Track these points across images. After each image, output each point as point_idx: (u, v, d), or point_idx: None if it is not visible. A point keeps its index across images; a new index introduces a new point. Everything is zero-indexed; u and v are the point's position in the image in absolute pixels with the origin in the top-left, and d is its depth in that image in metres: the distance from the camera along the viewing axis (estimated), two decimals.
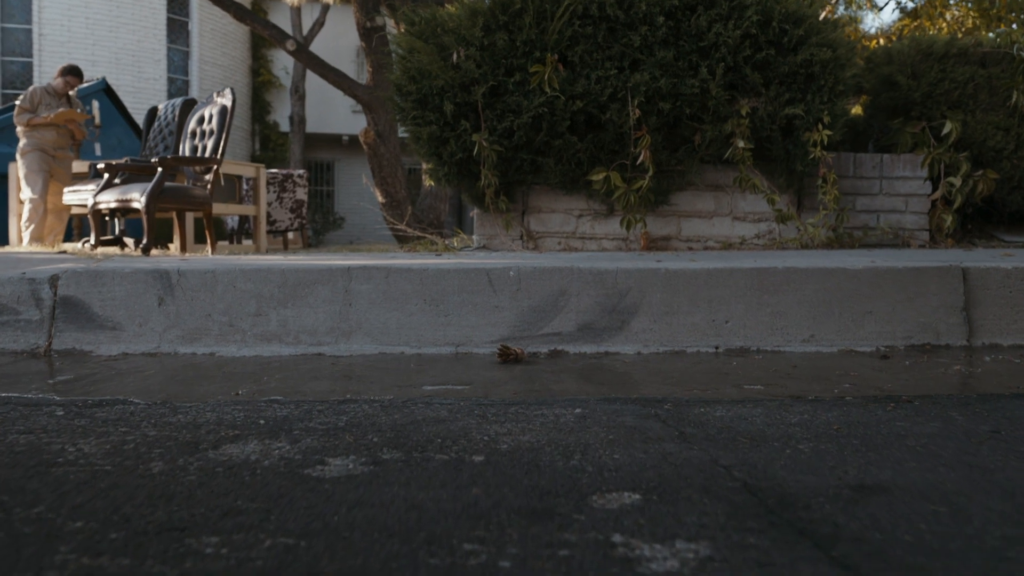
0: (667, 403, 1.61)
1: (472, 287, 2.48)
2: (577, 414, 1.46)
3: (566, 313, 2.47)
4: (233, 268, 2.55)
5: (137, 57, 17.26)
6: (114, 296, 2.54)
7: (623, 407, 1.54)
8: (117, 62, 16.75)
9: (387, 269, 2.50)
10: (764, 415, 1.47)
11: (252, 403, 1.64)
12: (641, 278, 2.48)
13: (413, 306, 2.49)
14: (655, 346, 2.45)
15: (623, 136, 3.79)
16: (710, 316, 2.47)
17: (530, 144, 3.78)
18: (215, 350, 2.48)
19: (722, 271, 2.49)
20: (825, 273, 2.50)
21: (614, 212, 4.05)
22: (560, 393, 1.77)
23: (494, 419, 1.39)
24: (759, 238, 4.09)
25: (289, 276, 2.52)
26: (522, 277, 2.48)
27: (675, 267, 2.50)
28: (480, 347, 2.46)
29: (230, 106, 6.42)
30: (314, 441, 1.24)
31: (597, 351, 2.43)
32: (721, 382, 1.92)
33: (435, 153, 3.71)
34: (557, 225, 4.08)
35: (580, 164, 3.83)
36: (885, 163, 4.16)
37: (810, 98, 3.79)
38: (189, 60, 18.61)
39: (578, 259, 2.85)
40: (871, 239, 4.13)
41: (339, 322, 2.49)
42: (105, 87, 10.27)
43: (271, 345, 2.49)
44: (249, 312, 2.51)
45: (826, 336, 2.47)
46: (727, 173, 4.07)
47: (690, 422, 1.39)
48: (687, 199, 4.10)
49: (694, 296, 2.48)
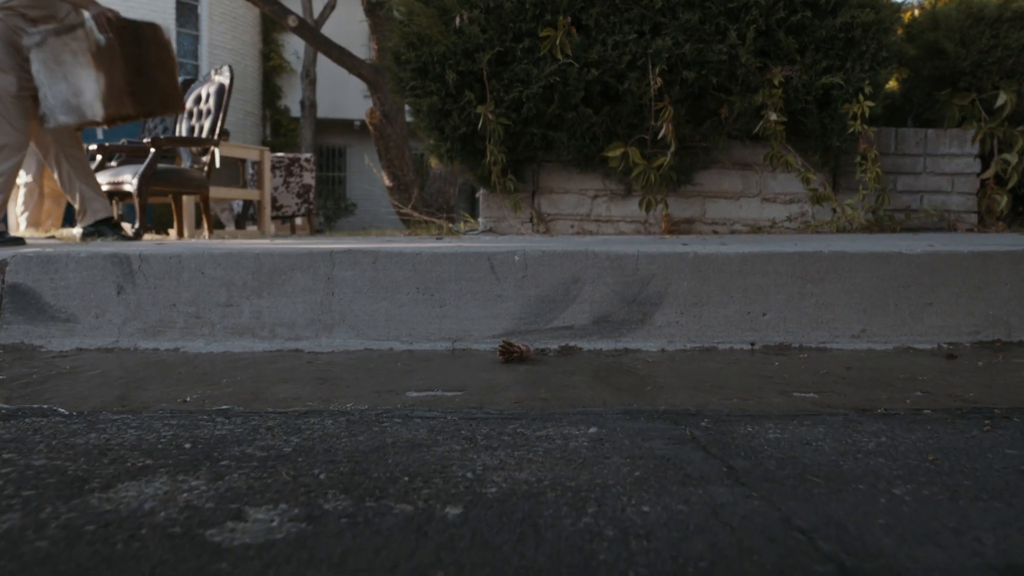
0: (704, 418, 1.29)
1: (472, 274, 2.17)
2: (592, 435, 1.14)
3: (579, 304, 2.15)
4: (201, 253, 2.24)
5: None
6: (68, 284, 2.25)
7: (650, 425, 1.22)
8: None
9: (375, 253, 2.19)
10: (831, 438, 1.15)
11: (192, 416, 1.34)
12: (666, 264, 2.15)
13: (404, 295, 2.17)
14: (682, 342, 2.13)
15: (642, 108, 3.45)
16: (745, 307, 2.14)
17: (540, 117, 3.45)
18: (180, 345, 2.18)
19: (759, 256, 2.16)
20: (878, 259, 2.17)
21: (632, 192, 3.71)
22: (571, 402, 1.46)
23: (484, 444, 1.08)
24: (791, 221, 3.74)
25: (264, 262, 2.21)
26: (529, 262, 2.16)
27: (705, 251, 2.17)
28: (480, 342, 2.15)
29: (228, 84, 6.12)
30: (241, 478, 0.93)
31: (615, 348, 2.11)
32: (764, 388, 1.60)
33: (436, 127, 3.39)
34: (570, 207, 3.75)
35: (595, 139, 3.49)
36: (930, 139, 3.80)
37: (850, 66, 3.43)
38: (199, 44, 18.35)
39: (593, 243, 2.53)
40: (914, 222, 3.77)
41: (320, 313, 2.19)
42: None
43: (243, 339, 2.19)
44: (219, 302, 2.21)
45: (879, 331, 2.14)
46: (756, 150, 3.72)
47: (738, 449, 1.07)
48: (712, 178, 3.76)
49: (727, 285, 2.15)
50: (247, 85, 19.36)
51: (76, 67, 4.01)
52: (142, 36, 4.12)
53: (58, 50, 4.05)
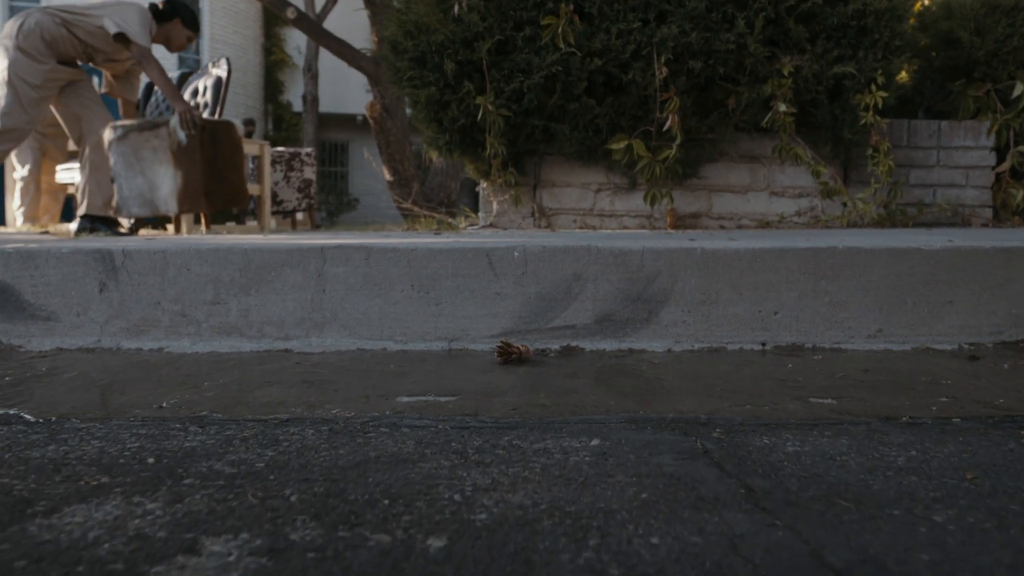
0: (716, 427, 1.19)
1: (469, 270, 2.07)
2: (594, 449, 1.05)
3: (581, 302, 2.05)
4: (187, 248, 2.15)
5: None
6: (48, 281, 2.15)
7: (657, 436, 1.12)
8: None
9: (367, 249, 2.09)
10: (855, 451, 1.05)
11: (165, 424, 1.24)
12: (672, 260, 2.05)
13: (398, 293, 2.08)
14: (689, 342, 2.03)
15: (647, 99, 3.35)
16: (755, 306, 2.04)
17: (542, 108, 3.34)
18: (164, 345, 2.09)
19: (770, 252, 2.06)
20: (895, 255, 2.06)
21: (637, 186, 3.61)
22: (572, 408, 1.36)
23: (476, 459, 0.98)
24: (800, 215, 3.64)
25: (252, 258, 2.12)
26: (529, 258, 2.06)
27: (713, 247, 2.07)
28: (477, 342, 2.05)
29: (225, 77, 6.02)
30: (203, 501, 0.84)
31: (619, 348, 2.01)
32: (778, 392, 1.50)
33: (434, 118, 3.28)
34: (573, 201, 3.64)
35: (599, 131, 3.39)
36: (943, 131, 3.69)
37: (862, 55, 3.32)
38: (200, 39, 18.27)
39: (596, 238, 2.43)
40: (926, 217, 3.66)
41: (310, 312, 2.09)
42: None
43: (230, 339, 2.10)
44: (205, 300, 2.11)
45: (896, 331, 2.04)
46: (764, 142, 3.61)
47: (756, 465, 0.97)
48: (719, 171, 3.65)
49: (736, 282, 2.05)
50: (249, 80, 19.28)
51: (155, 164, 4.18)
52: (219, 136, 4.30)
53: (139, 145, 4.21)
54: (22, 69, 4.10)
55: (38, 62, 4.13)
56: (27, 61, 4.10)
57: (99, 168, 4.47)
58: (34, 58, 4.12)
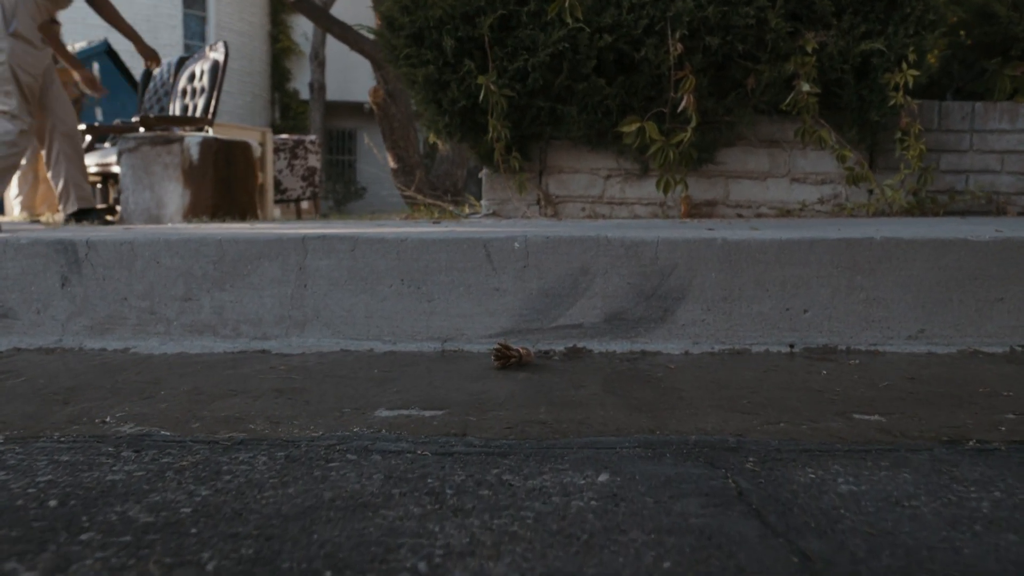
0: (748, 455, 0.99)
1: (464, 263, 1.87)
2: (602, 488, 0.85)
3: (589, 298, 1.85)
4: (156, 239, 1.96)
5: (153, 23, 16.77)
6: (6, 275, 1.97)
7: (679, 469, 0.92)
8: None
9: (353, 240, 1.89)
10: (925, 492, 0.85)
11: (96, 447, 1.05)
12: (690, 252, 1.85)
13: (386, 287, 1.88)
14: (708, 343, 1.83)
15: (660, 79, 3.13)
16: (783, 303, 1.84)
17: (548, 89, 3.13)
18: (131, 345, 1.90)
19: (799, 243, 1.85)
20: (938, 246, 1.85)
21: (649, 172, 3.40)
22: (577, 425, 1.16)
23: (455, 504, 0.79)
24: (822, 203, 3.42)
25: (227, 249, 1.93)
26: (531, 250, 1.86)
27: (735, 237, 1.86)
28: (474, 342, 1.85)
29: (222, 61, 5.83)
30: (91, 570, 0.64)
31: (630, 350, 1.81)
32: (815, 406, 1.30)
33: (433, 99, 3.08)
34: (581, 188, 3.43)
35: (608, 113, 3.17)
36: (977, 113, 3.45)
37: (892, 30, 3.09)
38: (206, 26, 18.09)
39: (606, 227, 2.23)
40: (958, 205, 3.43)
41: (290, 309, 1.90)
42: (107, 49, 9.74)
43: (202, 338, 1.91)
44: (176, 296, 1.93)
45: (941, 331, 1.83)
46: (785, 125, 3.39)
47: (806, 515, 0.77)
48: (736, 156, 3.43)
49: (761, 276, 1.84)
50: (255, 67, 19.11)
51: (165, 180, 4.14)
52: (234, 156, 4.25)
53: (150, 160, 4.21)
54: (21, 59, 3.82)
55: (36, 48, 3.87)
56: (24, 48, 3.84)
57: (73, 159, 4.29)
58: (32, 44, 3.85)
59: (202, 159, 4.10)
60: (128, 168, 4.20)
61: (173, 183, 4.14)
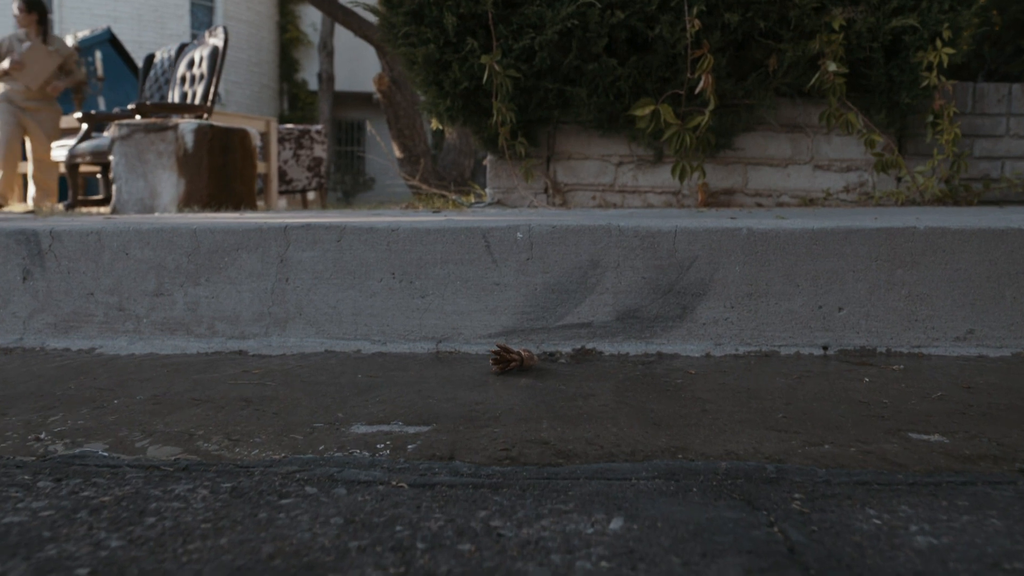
0: (794, 491, 0.81)
1: (461, 255, 1.69)
2: (614, 539, 0.67)
3: (599, 294, 1.67)
4: (125, 229, 1.79)
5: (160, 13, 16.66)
6: None
7: (711, 513, 0.74)
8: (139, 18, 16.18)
9: (339, 229, 1.72)
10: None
11: (6, 476, 0.89)
12: (712, 243, 1.66)
13: (376, 282, 1.71)
14: (732, 344, 1.64)
15: (676, 59, 2.93)
16: (815, 300, 1.65)
17: (556, 69, 2.94)
18: (97, 344, 1.74)
19: (833, 233, 1.66)
20: (989, 237, 1.66)
21: (663, 159, 3.20)
22: (585, 447, 0.99)
23: (425, 565, 0.61)
24: (848, 192, 3.22)
25: (203, 240, 1.75)
26: (535, 241, 1.68)
27: (762, 227, 1.68)
28: (471, 343, 1.68)
29: (221, 46, 5.66)
30: None
31: (645, 352, 1.63)
32: (862, 422, 1.11)
33: (434, 81, 2.89)
34: (591, 175, 3.25)
35: (621, 96, 2.98)
36: (1015, 96, 3.24)
37: (926, 5, 2.88)
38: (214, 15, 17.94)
39: (618, 216, 2.04)
40: (993, 193, 3.23)
41: (271, 305, 1.73)
42: (110, 38, 9.59)
43: (175, 337, 1.74)
44: (147, 291, 1.76)
45: (992, 332, 1.64)
46: (808, 109, 3.19)
47: None
48: (756, 142, 3.23)
49: (791, 270, 1.66)
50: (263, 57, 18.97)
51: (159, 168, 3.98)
52: (231, 144, 4.07)
53: (144, 148, 4.02)
54: None
55: None
56: None
57: None
58: None
59: (197, 147, 3.94)
60: (121, 157, 4.05)
61: (167, 172, 3.99)
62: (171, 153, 3.98)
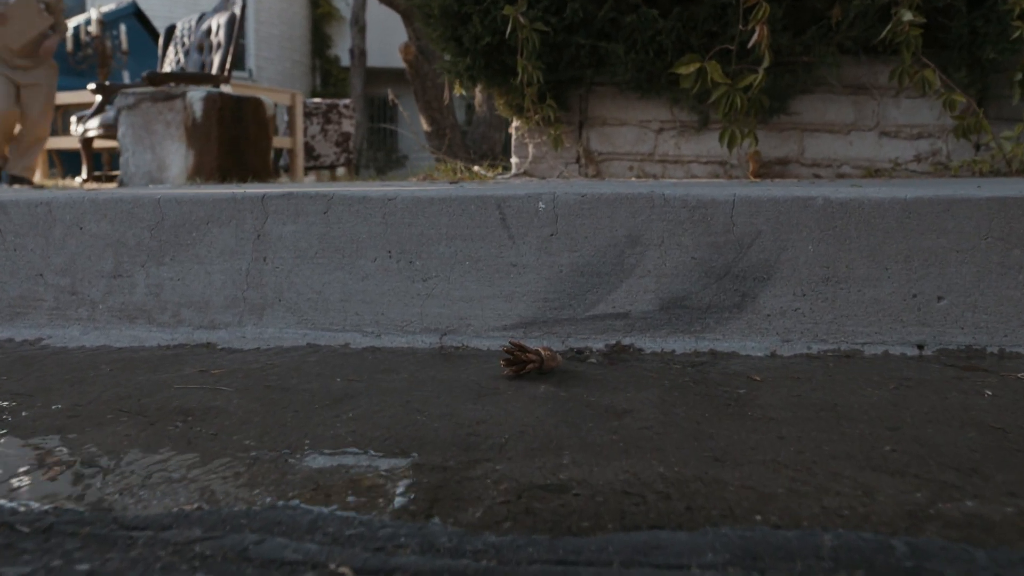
0: None
1: (472, 230, 1.39)
2: None
3: (639, 278, 1.36)
4: (79, 199, 1.53)
5: None
6: None
7: None
8: None
9: (326, 199, 1.43)
10: None
11: None
12: (778, 215, 1.34)
13: (369, 262, 1.42)
14: (803, 341, 1.33)
15: (725, 9, 2.59)
16: (908, 287, 1.32)
17: (589, 22, 2.61)
18: (46, 334, 1.48)
19: (931, 203, 1.33)
20: None
21: (709, 124, 2.86)
22: (619, 499, 0.70)
23: None
24: (919, 161, 2.85)
25: (168, 212, 1.48)
26: (560, 213, 1.38)
27: (840, 196, 1.35)
28: (482, 336, 1.38)
29: (239, 14, 5.41)
30: None
31: (695, 349, 1.32)
32: (1004, 458, 0.80)
33: (452, 36, 2.58)
34: (628, 143, 2.92)
35: (662, 52, 2.64)
36: None
37: None
38: None
39: (660, 185, 1.72)
40: None
41: (246, 289, 1.45)
42: (135, 11, 9.42)
43: (135, 327, 1.48)
44: (103, 271, 1.49)
45: None
46: (875, 67, 2.82)
47: None
48: (814, 105, 2.87)
49: (876, 250, 1.33)
50: (295, 33, 18.79)
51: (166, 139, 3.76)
52: (243, 113, 3.86)
53: (151, 118, 3.78)
54: None
55: None
56: None
57: None
58: None
59: (206, 116, 3.70)
60: (128, 127, 3.82)
61: (175, 143, 3.76)
62: (179, 123, 3.75)
